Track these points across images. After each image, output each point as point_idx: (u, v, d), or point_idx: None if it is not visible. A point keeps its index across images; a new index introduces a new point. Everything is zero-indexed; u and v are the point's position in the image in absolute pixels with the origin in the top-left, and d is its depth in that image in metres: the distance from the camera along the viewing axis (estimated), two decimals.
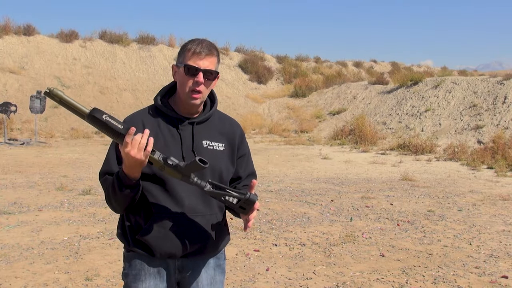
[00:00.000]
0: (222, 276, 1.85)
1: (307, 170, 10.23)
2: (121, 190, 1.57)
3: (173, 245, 1.67)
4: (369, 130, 15.16)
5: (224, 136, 1.78)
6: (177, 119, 1.71)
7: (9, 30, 19.98)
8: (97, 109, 1.51)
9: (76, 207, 6.17)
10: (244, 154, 1.84)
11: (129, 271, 1.73)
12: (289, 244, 4.84)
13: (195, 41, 1.69)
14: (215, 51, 1.70)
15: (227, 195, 1.61)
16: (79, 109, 1.52)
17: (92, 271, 3.93)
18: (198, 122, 1.73)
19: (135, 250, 1.71)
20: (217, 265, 1.83)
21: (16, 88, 17.32)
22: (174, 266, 1.73)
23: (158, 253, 1.68)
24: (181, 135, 1.70)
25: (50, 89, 1.47)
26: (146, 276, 1.71)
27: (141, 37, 23.60)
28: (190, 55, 1.66)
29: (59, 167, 9.68)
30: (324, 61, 29.80)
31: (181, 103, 1.72)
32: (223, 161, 1.75)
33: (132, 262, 1.73)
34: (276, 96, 22.48)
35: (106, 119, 1.50)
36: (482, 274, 4.07)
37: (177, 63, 1.71)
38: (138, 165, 1.54)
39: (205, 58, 1.66)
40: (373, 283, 3.83)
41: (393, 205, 6.82)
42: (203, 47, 1.66)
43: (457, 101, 15.18)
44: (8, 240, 4.71)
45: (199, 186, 1.60)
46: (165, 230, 1.66)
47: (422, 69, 31.59)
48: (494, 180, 9.23)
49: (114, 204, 1.66)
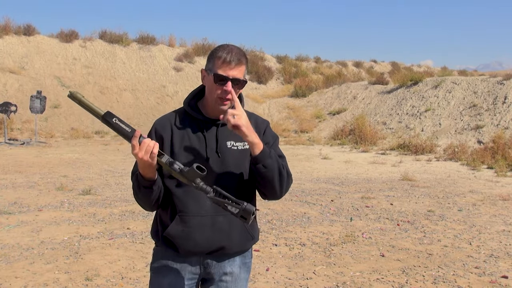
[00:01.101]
0: (247, 274, 1.88)
1: (307, 170, 10.22)
2: (140, 189, 1.69)
3: (196, 244, 1.73)
4: (369, 130, 15.16)
5: None
6: (203, 121, 1.77)
7: (9, 30, 19.98)
8: (109, 113, 1.65)
9: (76, 207, 6.17)
10: (268, 141, 1.85)
11: (155, 265, 1.82)
12: (289, 244, 4.84)
13: (226, 48, 1.71)
14: (245, 59, 1.73)
15: (227, 203, 1.62)
16: (95, 111, 1.65)
17: (92, 271, 3.93)
18: (223, 123, 1.76)
19: (162, 246, 1.78)
20: (243, 263, 1.86)
21: (16, 88, 17.32)
22: (199, 262, 1.78)
23: (182, 251, 1.74)
24: (206, 137, 1.75)
25: (71, 92, 1.64)
26: (168, 272, 1.78)
27: (141, 37, 23.60)
28: (220, 63, 1.68)
29: (59, 167, 9.68)
30: (324, 61, 29.80)
31: (209, 107, 1.77)
32: (248, 160, 1.76)
33: (158, 258, 1.81)
34: (276, 96, 22.48)
35: (116, 122, 1.63)
36: (482, 274, 4.07)
37: (206, 68, 1.74)
38: (147, 167, 1.62)
39: (235, 68, 1.68)
40: (373, 283, 3.83)
41: (393, 205, 6.82)
42: (233, 56, 1.69)
43: (457, 101, 15.17)
44: (8, 240, 4.71)
45: (204, 191, 1.63)
46: (188, 230, 1.72)
47: (422, 69, 31.59)
48: (494, 180, 9.23)
49: (140, 202, 1.76)
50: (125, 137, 1.64)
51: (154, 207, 1.76)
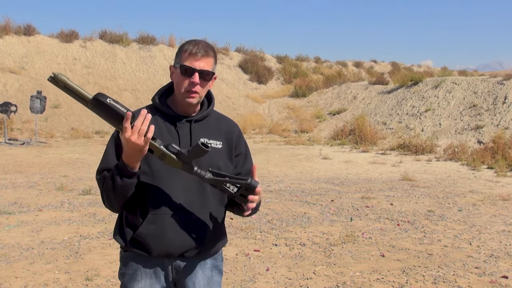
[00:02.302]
0: (219, 277, 1.84)
1: (307, 170, 10.22)
2: (121, 179, 1.58)
3: (170, 244, 1.67)
4: (369, 130, 15.16)
5: (222, 135, 1.80)
6: (174, 117, 1.73)
7: (9, 30, 19.98)
8: (102, 93, 1.50)
9: (76, 207, 6.17)
10: (241, 152, 1.84)
11: (126, 271, 1.74)
12: (289, 244, 4.84)
13: (192, 42, 1.70)
14: (212, 52, 1.71)
15: (228, 182, 1.60)
16: (83, 95, 1.50)
17: (92, 271, 3.93)
18: (196, 120, 1.75)
19: (132, 250, 1.71)
20: (214, 266, 1.82)
21: (16, 88, 17.32)
22: (171, 266, 1.72)
23: (155, 252, 1.68)
24: (179, 132, 1.72)
25: (55, 74, 1.47)
26: (142, 276, 1.71)
27: (141, 37, 23.61)
28: (186, 56, 1.67)
29: (59, 167, 9.68)
30: (324, 61, 29.82)
31: (178, 103, 1.74)
32: (221, 158, 1.76)
33: (128, 262, 1.74)
34: (276, 96, 22.48)
35: (110, 102, 1.48)
36: (482, 274, 4.07)
37: (174, 63, 1.73)
38: (138, 152, 1.53)
39: (201, 59, 1.67)
40: (373, 283, 3.83)
41: (393, 205, 6.82)
42: (200, 48, 1.68)
43: (457, 101, 15.17)
44: (8, 240, 4.71)
45: (200, 175, 1.60)
46: (162, 229, 1.66)
47: (422, 69, 31.59)
48: (494, 180, 9.23)
49: (112, 198, 1.65)
50: (120, 120, 1.49)
51: (122, 206, 1.68)
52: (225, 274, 3.94)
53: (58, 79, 1.47)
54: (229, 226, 5.23)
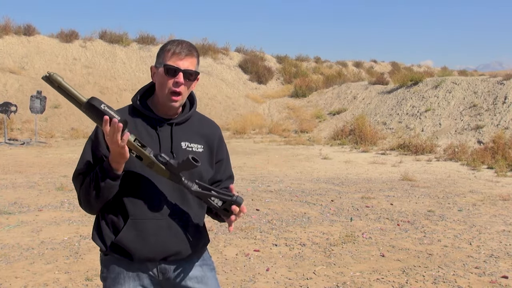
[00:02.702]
0: (211, 272, 1.80)
1: (307, 170, 10.22)
2: (104, 181, 1.57)
3: (151, 249, 1.64)
4: (369, 130, 15.15)
5: (203, 138, 1.76)
6: (155, 119, 1.69)
7: (9, 30, 19.98)
8: (96, 98, 1.50)
9: (76, 207, 6.17)
10: (222, 157, 1.82)
11: (108, 275, 1.70)
12: (289, 244, 4.84)
13: (175, 41, 1.67)
14: (195, 51, 1.69)
15: (214, 196, 1.59)
16: (77, 97, 1.50)
17: (92, 271, 3.93)
18: (177, 123, 1.71)
19: (113, 254, 1.67)
20: (203, 263, 1.79)
21: (16, 88, 17.32)
22: (156, 268, 1.69)
23: (136, 257, 1.65)
24: (160, 136, 1.68)
25: (50, 74, 1.47)
26: (125, 280, 1.67)
27: (141, 37, 23.61)
28: (170, 55, 1.64)
29: (59, 167, 9.68)
30: (324, 61, 29.81)
31: (159, 105, 1.69)
32: (202, 163, 1.70)
33: (110, 266, 1.70)
34: (276, 96, 22.48)
35: (105, 108, 1.48)
36: (482, 274, 4.07)
37: (156, 63, 1.68)
38: (119, 155, 1.53)
39: (185, 59, 1.64)
40: (373, 283, 3.83)
41: (393, 205, 6.82)
42: (183, 47, 1.65)
43: (457, 101, 15.17)
44: (8, 240, 4.71)
45: (187, 187, 1.59)
46: (143, 234, 1.63)
47: (422, 69, 31.58)
48: (494, 180, 9.23)
49: (91, 200, 1.63)
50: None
51: (101, 208, 1.66)
52: (225, 274, 3.94)
53: (53, 79, 1.47)
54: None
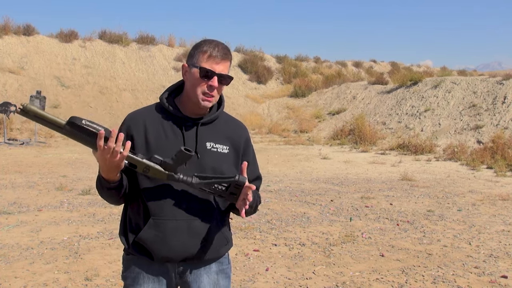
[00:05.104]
0: (226, 281, 1.81)
1: (307, 170, 10.22)
2: (103, 189, 1.60)
3: (170, 250, 1.64)
4: (368, 130, 15.16)
5: (229, 140, 1.74)
6: (182, 118, 1.68)
7: (9, 30, 19.96)
8: (76, 116, 1.48)
9: (75, 207, 6.17)
10: (249, 159, 1.79)
11: (128, 274, 1.72)
12: (289, 244, 4.84)
13: (211, 43, 1.65)
14: (230, 55, 1.67)
15: (216, 183, 1.58)
16: (56, 122, 1.47)
17: (91, 271, 3.93)
18: (203, 123, 1.70)
19: (134, 253, 1.69)
20: (220, 269, 1.78)
21: (15, 88, 17.31)
22: (174, 270, 1.70)
23: (156, 256, 1.66)
24: (185, 135, 1.67)
25: (23, 106, 1.42)
26: (145, 280, 1.69)
27: (141, 37, 23.60)
28: (206, 57, 1.62)
29: (59, 167, 9.68)
30: (323, 61, 29.79)
31: (189, 104, 1.69)
32: (226, 164, 1.70)
33: (130, 266, 1.72)
34: (276, 96, 22.48)
35: (86, 123, 1.46)
36: (482, 274, 4.07)
37: (189, 63, 1.66)
38: (114, 168, 1.52)
39: (221, 63, 1.63)
40: (372, 283, 3.83)
41: (393, 205, 6.82)
42: (219, 50, 1.63)
43: (457, 101, 15.18)
44: (8, 240, 4.71)
45: (186, 182, 1.58)
46: (163, 234, 1.63)
47: (421, 69, 31.58)
48: (493, 180, 9.23)
49: (106, 199, 1.68)
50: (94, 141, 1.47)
51: (121, 201, 1.69)
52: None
53: (28, 110, 1.41)
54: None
